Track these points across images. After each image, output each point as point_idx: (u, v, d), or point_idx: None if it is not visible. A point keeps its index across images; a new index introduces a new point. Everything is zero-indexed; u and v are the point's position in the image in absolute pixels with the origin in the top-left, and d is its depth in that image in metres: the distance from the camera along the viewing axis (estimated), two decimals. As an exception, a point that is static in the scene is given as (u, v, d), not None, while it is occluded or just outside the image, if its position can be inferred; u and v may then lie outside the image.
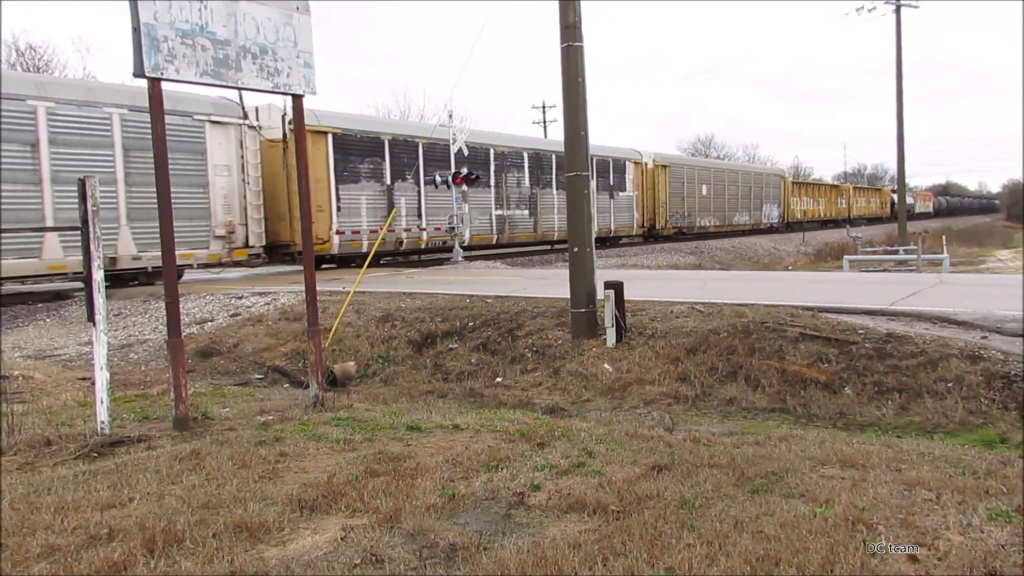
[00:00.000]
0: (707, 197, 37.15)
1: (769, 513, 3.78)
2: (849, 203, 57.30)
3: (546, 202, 26.40)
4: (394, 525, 3.74)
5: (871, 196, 65.34)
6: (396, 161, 20.62)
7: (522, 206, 25.23)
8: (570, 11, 9.28)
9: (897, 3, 32.70)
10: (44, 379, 8.27)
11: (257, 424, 5.90)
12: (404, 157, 20.85)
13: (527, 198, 25.51)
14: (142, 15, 5.42)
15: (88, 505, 4.02)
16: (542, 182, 26.18)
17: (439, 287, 13.40)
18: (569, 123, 9.54)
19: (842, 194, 57.58)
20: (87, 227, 5.40)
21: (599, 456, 4.89)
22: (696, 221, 36.03)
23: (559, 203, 26.28)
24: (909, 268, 22.68)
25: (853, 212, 57.66)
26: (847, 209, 56.62)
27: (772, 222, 44.01)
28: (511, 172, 24.76)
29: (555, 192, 26.52)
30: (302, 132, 6.71)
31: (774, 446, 5.20)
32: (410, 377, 9.25)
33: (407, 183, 20.98)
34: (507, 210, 24.35)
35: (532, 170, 25.69)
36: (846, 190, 59.27)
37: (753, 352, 7.95)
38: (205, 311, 12.57)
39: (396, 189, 20.66)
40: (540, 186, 26.10)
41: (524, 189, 25.25)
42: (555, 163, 26.57)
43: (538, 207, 26.00)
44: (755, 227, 42.22)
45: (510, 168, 24.59)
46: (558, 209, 26.46)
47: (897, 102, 32.61)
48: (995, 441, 5.83)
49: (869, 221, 58.41)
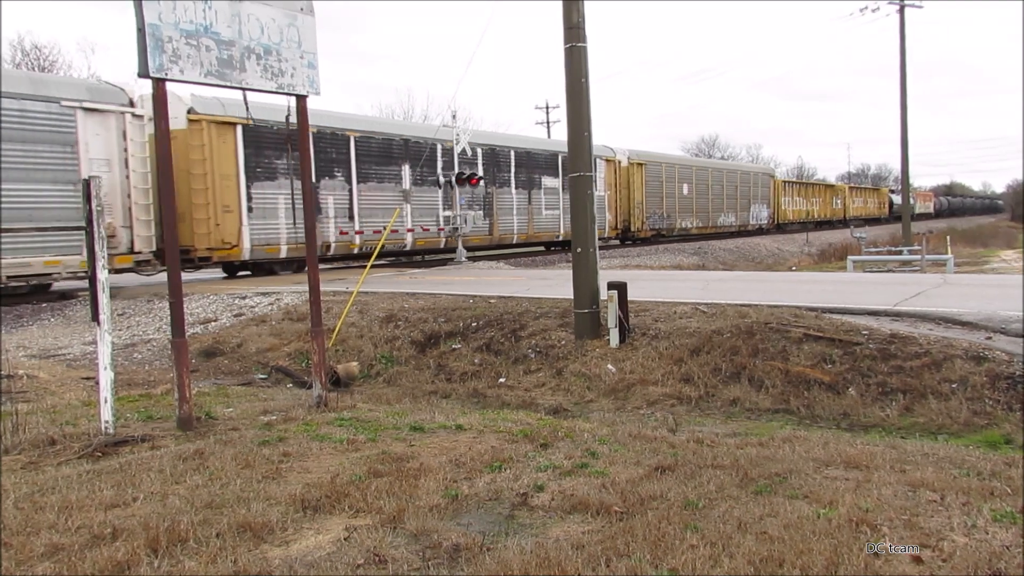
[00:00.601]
0: (689, 197, 35.40)
1: (773, 514, 3.77)
2: (845, 203, 56.29)
3: (503, 203, 24.34)
4: (397, 525, 3.74)
5: (868, 196, 64.04)
6: (323, 156, 18.53)
7: (476, 206, 23.03)
8: (574, 12, 9.28)
9: (901, 3, 32.62)
10: (48, 378, 8.29)
11: (261, 424, 5.91)
12: (332, 152, 18.85)
13: (481, 198, 23.45)
14: (147, 16, 5.43)
15: (92, 505, 4.02)
16: (499, 181, 24.15)
17: (442, 287, 13.41)
18: (573, 123, 9.54)
19: (838, 194, 56.35)
20: (91, 227, 5.41)
21: (602, 457, 4.89)
22: (677, 222, 34.37)
23: (518, 204, 25.03)
24: (913, 269, 22.64)
25: (850, 213, 56.64)
26: (843, 210, 55.57)
27: (761, 223, 42.34)
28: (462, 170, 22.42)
29: (514, 192, 24.85)
30: (306, 133, 6.72)
31: (778, 447, 5.20)
32: (413, 377, 9.26)
33: (336, 181, 19.00)
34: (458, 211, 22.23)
35: (488, 168, 23.64)
36: (842, 190, 58.09)
37: (757, 353, 7.93)
38: (209, 311, 12.59)
39: (323, 188, 18.59)
40: (497, 185, 24.12)
41: (478, 189, 23.18)
42: (514, 160, 24.99)
43: (494, 208, 23.97)
44: (742, 229, 40.61)
45: (461, 165, 22.39)
46: (517, 210, 25.02)
47: (901, 103, 32.54)
48: (999, 442, 5.81)
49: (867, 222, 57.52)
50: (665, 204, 33.57)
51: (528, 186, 25.61)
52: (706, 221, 36.92)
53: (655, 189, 32.74)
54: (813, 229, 48.04)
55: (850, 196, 58.01)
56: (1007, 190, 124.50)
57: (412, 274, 17.68)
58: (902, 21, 32.70)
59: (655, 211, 32.73)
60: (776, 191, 44.55)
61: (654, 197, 32.71)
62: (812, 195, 51.13)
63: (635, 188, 31.17)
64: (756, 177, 42.86)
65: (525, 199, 25.47)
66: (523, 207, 25.34)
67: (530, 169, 25.68)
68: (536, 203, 25.95)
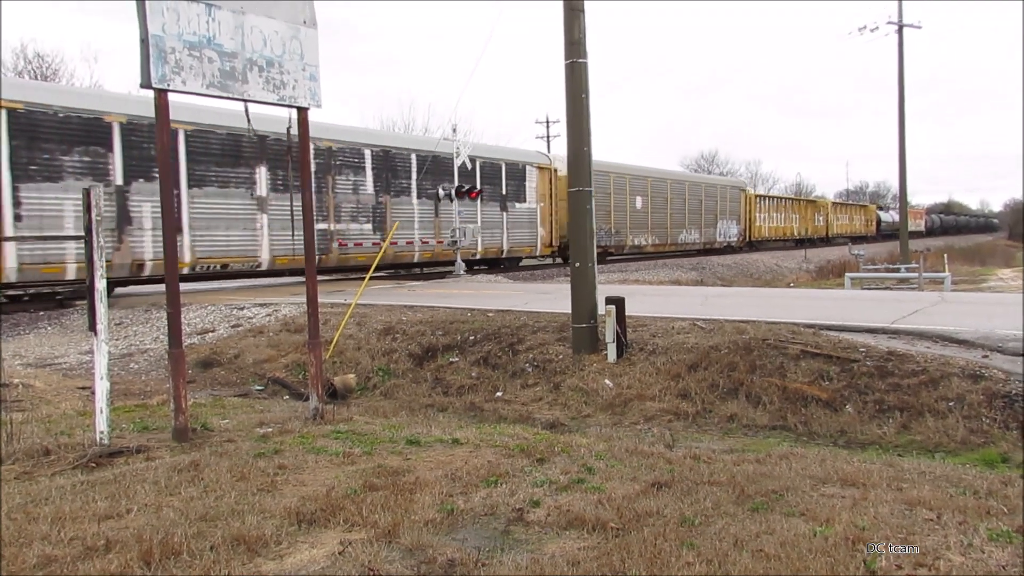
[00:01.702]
0: (643, 211, 31.80)
1: (769, 531, 3.76)
2: (828, 220, 53.84)
3: (401, 214, 20.49)
4: (392, 540, 3.72)
5: (854, 213, 61.61)
6: (134, 154, 14.85)
7: (362, 219, 19.64)
8: (575, 28, 9.34)
9: (899, 24, 32.88)
10: (44, 388, 8.26)
11: (256, 436, 5.89)
12: (151, 149, 14.66)
13: (370, 209, 19.88)
14: (150, 27, 5.47)
15: (85, 516, 4.00)
16: (394, 189, 20.42)
17: (440, 300, 13.41)
18: (573, 138, 9.58)
19: (820, 210, 53.75)
20: (91, 236, 5.41)
21: (599, 472, 4.88)
22: (628, 239, 30.89)
23: (421, 215, 21.19)
24: (911, 286, 22.67)
25: (833, 230, 54.42)
26: (825, 227, 53.27)
27: (730, 240, 39.33)
28: (344, 174, 19.17)
29: (415, 202, 21.08)
30: (306, 144, 6.74)
31: (775, 464, 5.19)
32: (410, 390, 9.24)
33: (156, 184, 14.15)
34: (335, 223, 18.81)
35: (379, 173, 20.01)
36: (824, 206, 55.69)
37: (754, 369, 7.93)
38: (207, 321, 12.58)
39: (134, 193, 14.86)
40: (392, 193, 20.48)
41: (366, 197, 19.70)
42: (415, 164, 21.02)
43: (387, 220, 20.10)
44: (708, 247, 37.49)
45: (342, 169, 19.09)
46: (420, 223, 21.22)
47: (899, 122, 32.72)
48: (996, 461, 5.81)
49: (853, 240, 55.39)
50: (614, 219, 30.12)
51: (435, 195, 21.91)
52: (664, 238, 33.76)
53: (601, 202, 28.97)
54: (792, 247, 45.93)
55: (833, 212, 55.82)
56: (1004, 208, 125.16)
57: (411, 287, 17.70)
58: (900, 41, 32.97)
59: (601, 226, 28.96)
60: (748, 206, 41.81)
61: (600, 211, 28.85)
62: (791, 211, 48.44)
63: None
64: (724, 190, 39.75)
65: (431, 211, 21.72)
66: (427, 220, 21.54)
67: (438, 176, 21.84)
68: (446, 215, 21.98)
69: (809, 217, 50.70)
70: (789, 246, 45.82)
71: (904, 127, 32.72)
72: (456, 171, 21.63)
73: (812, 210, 52.16)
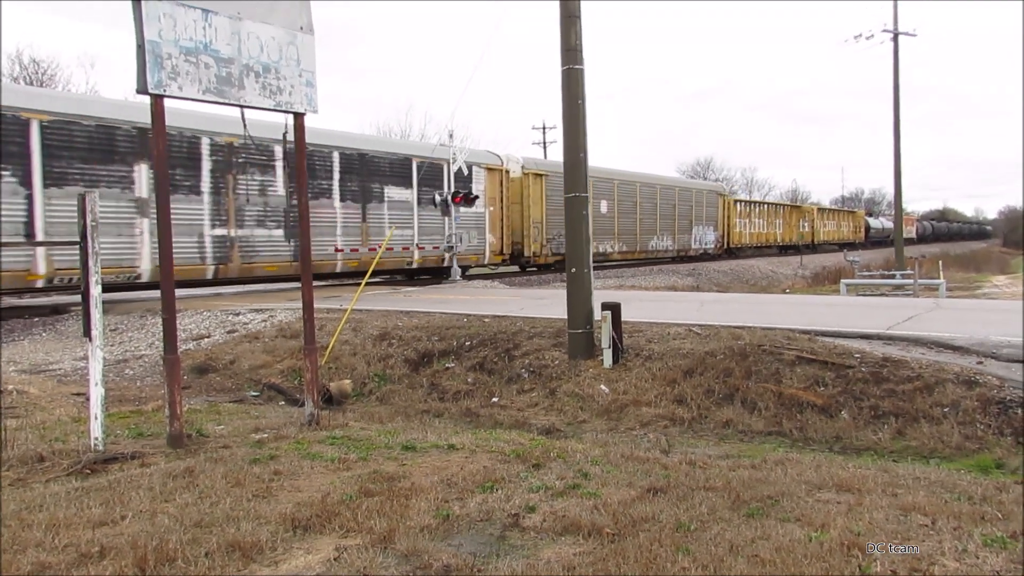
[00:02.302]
0: (609, 216, 29.13)
1: (764, 537, 3.76)
2: (813, 226, 51.70)
3: (321, 218, 18.20)
4: (387, 546, 3.72)
5: (842, 219, 59.58)
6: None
7: (270, 223, 17.28)
8: (571, 34, 9.38)
9: (895, 32, 33.06)
10: (39, 394, 8.23)
11: (252, 442, 5.88)
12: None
13: (281, 212, 17.49)
14: (147, 33, 5.48)
15: (80, 522, 3.99)
16: (313, 190, 18.20)
17: (437, 306, 13.40)
18: (569, 144, 9.61)
19: (804, 216, 51.45)
20: (86, 242, 5.41)
21: (594, 478, 4.88)
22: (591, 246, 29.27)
23: (344, 219, 18.92)
24: (906, 293, 22.74)
25: (820, 237, 52.36)
26: (811, 233, 51.09)
27: (706, 247, 37.28)
28: (248, 173, 16.77)
29: (338, 204, 18.74)
30: (303, 149, 6.75)
31: (770, 469, 5.19)
32: (406, 396, 9.23)
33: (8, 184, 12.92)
34: (236, 229, 16.40)
35: (291, 172, 17.37)
36: (809, 212, 53.34)
37: (750, 375, 7.94)
38: (202, 327, 12.55)
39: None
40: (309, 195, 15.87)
41: (276, 199, 17.33)
42: (338, 163, 18.73)
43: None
44: (682, 254, 35.33)
45: (246, 167, 16.61)
46: (344, 228, 18.93)
47: (895, 130, 32.90)
48: (991, 466, 5.82)
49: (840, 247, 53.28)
50: None
51: (363, 198, 19.55)
52: (632, 245, 31.29)
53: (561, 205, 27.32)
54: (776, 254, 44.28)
55: (820, 219, 53.86)
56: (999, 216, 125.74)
57: (407, 292, 17.69)
58: (896, 50, 33.15)
59: (561, 232, 25.29)
60: (727, 211, 39.64)
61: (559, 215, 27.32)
62: (774, 216, 46.34)
63: (531, 204, 25.06)
64: (701, 195, 37.37)
65: (357, 215, 19.38)
66: (352, 224, 19.23)
67: (366, 176, 19.63)
68: (376, 220, 19.82)
69: (794, 223, 48.99)
70: (772, 253, 44.17)
71: (899, 134, 32.91)
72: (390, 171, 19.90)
73: (797, 216, 50.27)
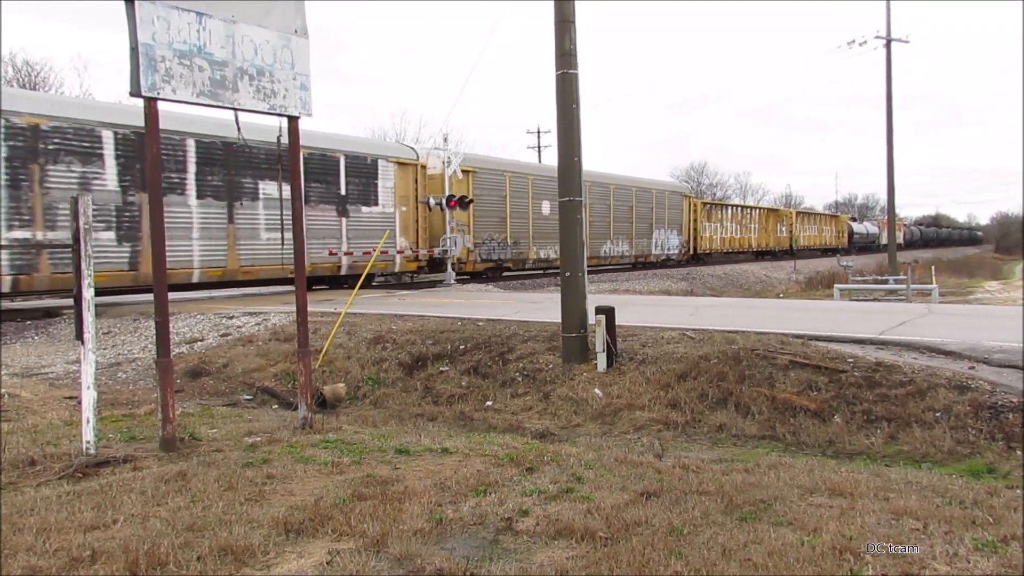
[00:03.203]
0: (551, 218, 25.18)
1: (757, 541, 3.77)
2: (792, 231, 49.32)
3: (174, 219, 15.20)
4: (381, 550, 3.71)
5: (824, 224, 57.43)
6: None
7: (96, 223, 14.16)
8: (566, 39, 9.40)
9: (887, 38, 33.24)
10: (30, 397, 8.20)
11: (245, 446, 5.86)
12: None
13: (112, 210, 14.80)
14: (140, 35, 5.47)
15: (71, 527, 3.97)
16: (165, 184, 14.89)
17: (431, 309, 13.40)
18: (564, 149, 9.63)
19: (782, 219, 49.01)
20: (78, 245, 5.39)
21: (588, 482, 4.88)
22: (530, 251, 25.66)
23: (202, 221, 16.12)
24: (899, 298, 22.83)
25: (800, 242, 50.17)
26: (788, 238, 48.82)
27: (669, 253, 34.67)
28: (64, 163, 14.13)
29: (194, 202, 15.95)
30: (297, 153, 6.74)
31: (763, 474, 5.20)
32: (400, 399, 9.22)
33: None
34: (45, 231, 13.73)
35: (129, 163, 14.93)
36: (787, 215, 51.01)
37: (743, 379, 7.96)
38: (195, 330, 12.52)
39: None
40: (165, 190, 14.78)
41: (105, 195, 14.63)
42: (195, 153, 15.91)
43: (142, 227, 14.96)
44: (641, 260, 32.34)
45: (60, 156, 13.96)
46: (202, 232, 16.10)
47: (888, 135, 33.04)
48: (982, 471, 5.84)
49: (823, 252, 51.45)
50: (511, 227, 24.76)
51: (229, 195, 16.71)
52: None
53: (493, 206, 23.98)
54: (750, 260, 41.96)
55: (799, 223, 51.67)
56: (991, 222, 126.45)
57: (401, 295, 17.67)
58: (888, 56, 33.31)
59: (493, 236, 24.00)
60: (693, 214, 37.14)
61: (491, 217, 23.86)
62: (748, 220, 43.86)
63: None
64: (663, 196, 34.33)
65: (221, 215, 16.60)
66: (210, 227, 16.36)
67: (234, 170, 16.73)
68: (246, 221, 17.09)
69: (770, 227, 46.61)
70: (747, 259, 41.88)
71: (892, 140, 33.06)
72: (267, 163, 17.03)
73: (774, 220, 47.86)
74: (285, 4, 6.47)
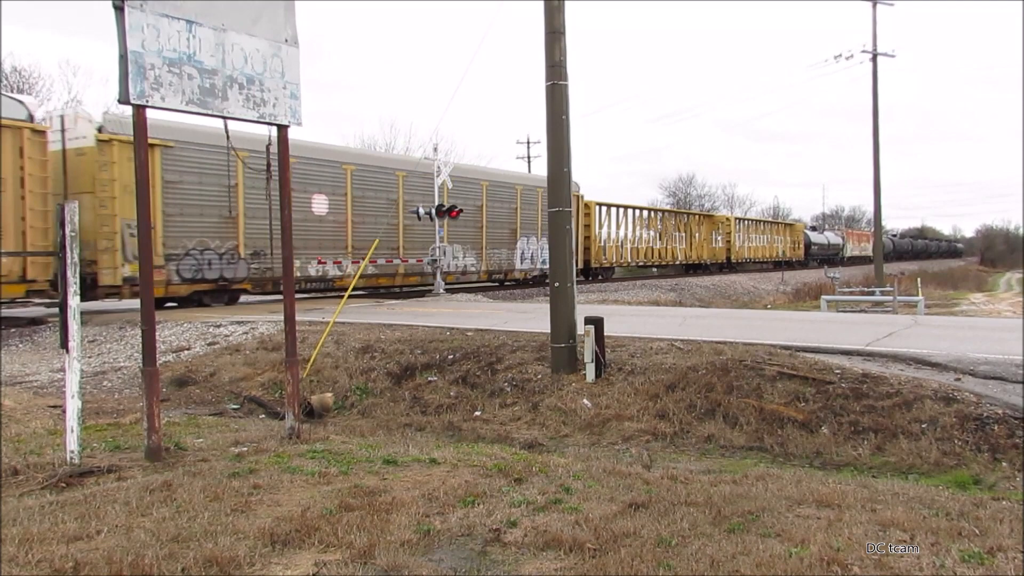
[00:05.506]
0: (334, 221, 19.15)
1: (745, 552, 3.77)
2: (731, 241, 43.70)
3: None
4: (368, 561, 3.68)
5: (775, 233, 50.53)
6: None
7: None
8: (556, 51, 9.45)
9: (874, 52, 33.61)
10: (14, 406, 8.10)
11: (231, 455, 5.81)
12: None
13: None
14: (130, 43, 5.45)
15: (54, 537, 3.92)
16: None
17: (420, 319, 13.37)
18: (553, 158, 9.66)
19: (718, 226, 42.94)
20: (64, 253, 5.35)
21: (576, 493, 4.87)
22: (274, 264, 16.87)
23: None
24: (885, 309, 22.98)
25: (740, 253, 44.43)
26: (725, 249, 43.18)
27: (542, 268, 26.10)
28: None
29: None
30: (286, 161, 6.73)
31: (751, 485, 5.21)
32: (388, 409, 9.18)
33: None
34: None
35: None
36: (725, 223, 44.23)
37: (731, 390, 7.98)
38: (182, 339, 12.43)
39: None
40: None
41: None
42: None
43: None
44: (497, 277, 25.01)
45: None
46: None
47: (874, 148, 33.36)
48: (968, 482, 5.88)
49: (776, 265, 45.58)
50: (245, 230, 17.00)
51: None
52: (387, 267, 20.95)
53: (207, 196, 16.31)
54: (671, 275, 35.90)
55: (741, 231, 45.28)
56: (976, 234, 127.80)
57: (391, 305, 17.63)
58: (875, 70, 33.67)
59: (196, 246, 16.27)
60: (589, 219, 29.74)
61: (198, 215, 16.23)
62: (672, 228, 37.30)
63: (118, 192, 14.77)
64: (532, 194, 26.02)
65: None
66: None
67: None
68: None
69: (704, 236, 40.82)
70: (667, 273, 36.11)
71: (878, 152, 33.39)
72: None
73: (709, 227, 41.91)
74: (275, 13, 6.47)
